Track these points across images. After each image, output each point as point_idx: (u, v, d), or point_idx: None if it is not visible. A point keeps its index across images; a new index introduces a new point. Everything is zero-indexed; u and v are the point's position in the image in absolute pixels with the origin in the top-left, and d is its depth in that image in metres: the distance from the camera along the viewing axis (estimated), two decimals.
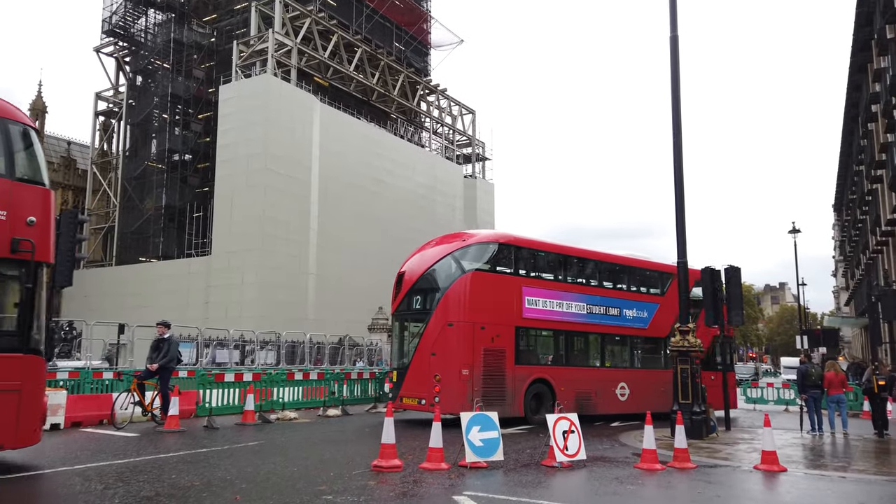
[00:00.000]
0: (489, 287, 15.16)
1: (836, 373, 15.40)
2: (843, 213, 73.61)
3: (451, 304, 14.68)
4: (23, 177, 8.23)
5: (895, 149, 33.78)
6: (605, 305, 17.51)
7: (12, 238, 7.79)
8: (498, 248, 15.73)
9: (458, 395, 13.97)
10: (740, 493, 8.10)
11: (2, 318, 8.16)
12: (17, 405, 7.76)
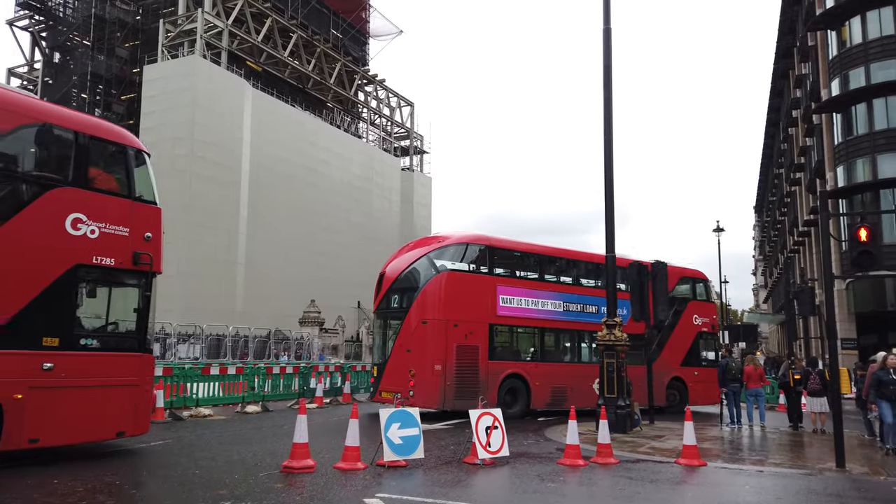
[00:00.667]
0: (463, 286, 15.78)
1: (754, 367, 15.77)
2: (764, 215, 77.01)
3: (426, 302, 15.36)
4: (140, 196, 9.32)
5: (813, 153, 35.31)
6: (582, 303, 17.76)
7: (134, 252, 8.97)
8: (472, 249, 16.34)
9: (431, 390, 14.68)
10: (661, 489, 7.99)
11: (124, 321, 9.22)
12: (135, 398, 9.03)
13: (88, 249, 8.52)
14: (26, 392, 7.78)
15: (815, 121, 33.69)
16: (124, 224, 8.92)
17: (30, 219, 8.07)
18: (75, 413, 8.10)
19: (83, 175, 8.71)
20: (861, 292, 28.71)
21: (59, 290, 8.23)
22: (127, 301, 9.18)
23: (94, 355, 8.62)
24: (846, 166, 29.34)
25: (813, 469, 9.53)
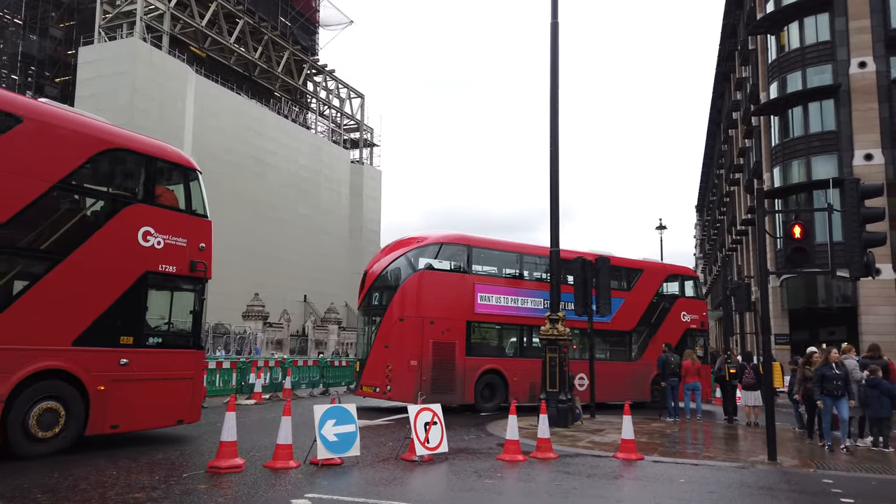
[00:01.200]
0: (440, 284, 16.36)
1: (692, 361, 16.08)
2: (705, 214, 79.27)
3: (402, 300, 16.00)
4: (195, 210, 10.47)
5: (751, 154, 36.38)
6: (564, 300, 17.91)
7: (191, 260, 10.13)
8: (450, 248, 16.96)
9: (407, 385, 15.27)
10: (597, 484, 7.95)
11: (182, 322, 10.31)
12: (192, 389, 10.20)
13: (155, 258, 9.70)
14: (108, 384, 8.93)
15: (754, 123, 34.71)
16: (183, 236, 10.11)
17: (111, 231, 9.27)
18: (146, 403, 9.15)
19: (151, 193, 9.96)
20: (794, 289, 29.76)
21: (134, 294, 9.43)
22: (184, 303, 10.34)
23: (159, 352, 9.79)
24: (782, 167, 30.33)
25: (746, 462, 9.69)
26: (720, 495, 7.49)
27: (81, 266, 8.82)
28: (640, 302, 19.74)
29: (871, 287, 26.35)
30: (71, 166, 8.94)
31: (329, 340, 48.68)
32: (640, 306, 19.71)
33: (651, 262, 21.86)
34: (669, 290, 20.69)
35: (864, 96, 27.96)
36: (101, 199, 9.55)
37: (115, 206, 9.45)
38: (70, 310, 8.69)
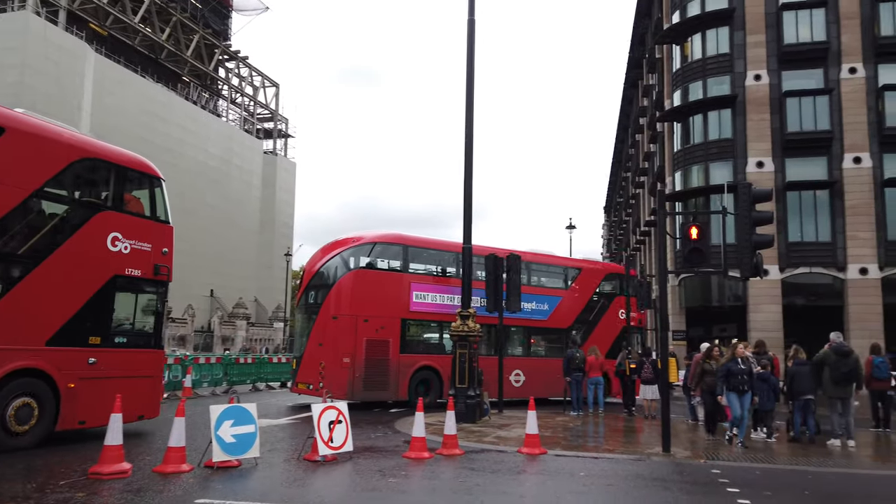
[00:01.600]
0: (374, 283, 16.69)
1: (596, 357, 16.59)
2: (612, 214, 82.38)
3: (336, 299, 16.27)
4: (159, 217, 11.03)
5: (656, 158, 38.05)
6: None
7: (155, 264, 10.69)
8: (385, 248, 17.36)
9: (339, 382, 15.54)
10: (500, 480, 8.00)
11: (145, 323, 10.91)
12: (153, 387, 10.87)
13: (123, 263, 10.22)
14: (77, 382, 9.42)
15: (658, 128, 36.33)
16: (148, 241, 10.65)
17: (83, 237, 9.75)
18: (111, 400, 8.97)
19: (120, 200, 10.52)
20: (691, 288, 31.41)
21: (102, 296, 9.93)
22: (147, 305, 10.95)
23: (124, 351, 10.28)
24: (683, 172, 31.90)
25: (642, 455, 10.05)
26: (617, 488, 7.71)
27: (55, 270, 9.33)
28: (578, 300, 20.28)
29: (760, 287, 28.18)
30: (48, 175, 9.40)
31: (237, 337, 47.10)
32: (578, 305, 20.23)
33: (590, 262, 22.60)
34: (607, 288, 21.32)
35: (758, 107, 29.82)
36: (74, 207, 10.06)
37: (88, 213, 9.96)
38: (44, 311, 9.15)
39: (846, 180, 28.53)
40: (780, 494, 7.38)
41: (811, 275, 28.89)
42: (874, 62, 29.08)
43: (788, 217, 29.14)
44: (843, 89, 29.03)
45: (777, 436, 12.14)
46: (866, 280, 27.86)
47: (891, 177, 28.13)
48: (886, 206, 28.36)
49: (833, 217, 28.83)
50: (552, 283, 20.69)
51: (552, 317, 19.58)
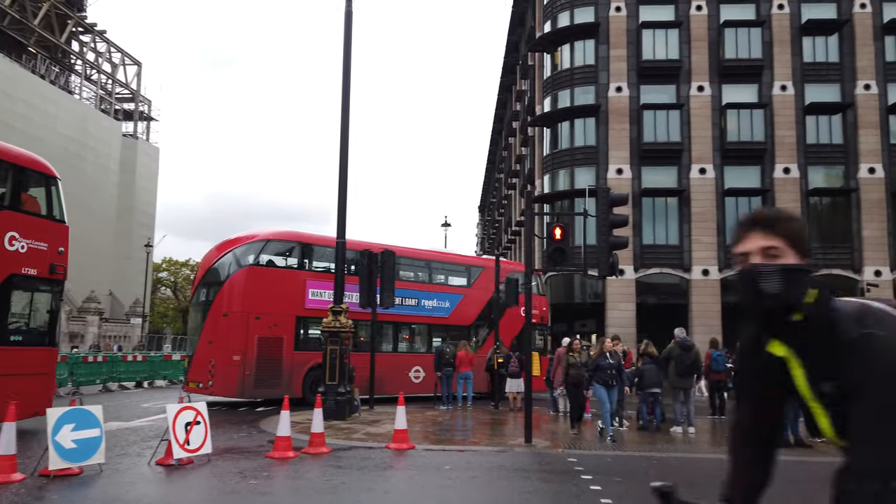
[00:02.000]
0: (267, 280, 16.39)
1: (466, 352, 16.97)
2: (486, 214, 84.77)
3: (226, 296, 16.13)
4: (55, 216, 11.25)
5: (527, 161, 39.57)
6: (401, 297, 17.93)
7: (51, 263, 10.86)
8: (280, 245, 17.22)
9: (229, 380, 15.42)
10: (366, 476, 7.95)
11: (40, 321, 11.09)
12: (46, 383, 11.03)
13: (20, 262, 10.34)
14: None
15: (529, 133, 37.83)
16: (44, 240, 10.78)
17: None
18: (7, 397, 8.82)
19: (17, 199, 10.58)
20: (556, 286, 33.00)
21: None
22: (42, 304, 11.03)
23: (20, 349, 10.43)
24: (551, 175, 33.44)
25: (506, 446, 10.41)
26: (480, 479, 7.92)
27: None
28: (479, 298, 20.46)
29: (616, 285, 30.16)
30: None
31: (87, 333, 43.42)
32: (480, 302, 20.41)
33: (492, 260, 22.81)
34: None
35: (619, 117, 31.88)
36: None
37: None
38: None
39: (692, 189, 31.22)
40: (628, 479, 7.91)
41: (661, 275, 31.35)
42: (719, 82, 32.05)
43: (643, 221, 31.42)
44: (691, 105, 31.73)
45: (628, 425, 13.04)
46: (707, 281, 30.66)
47: (730, 187, 31.15)
48: (726, 214, 31.37)
49: (681, 222, 31.45)
50: (454, 281, 20.98)
51: (454, 314, 19.84)
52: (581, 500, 6.71)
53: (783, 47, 31.82)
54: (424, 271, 20.21)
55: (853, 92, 31.39)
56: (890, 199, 30.71)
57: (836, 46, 32.05)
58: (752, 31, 31.97)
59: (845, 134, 31.45)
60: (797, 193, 30.94)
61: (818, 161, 31.53)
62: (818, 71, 31.96)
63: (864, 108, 31.16)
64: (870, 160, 30.88)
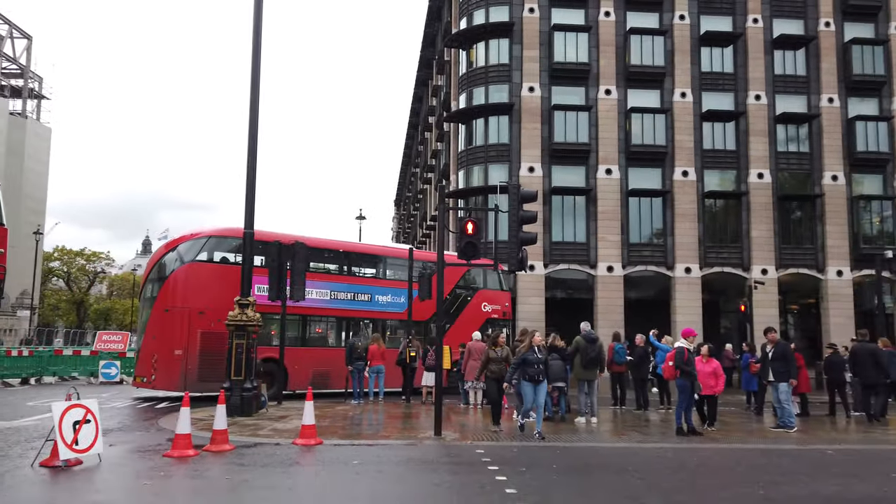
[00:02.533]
0: (212, 276, 16.41)
1: (378, 346, 16.88)
2: (401, 208, 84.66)
3: (168, 292, 16.32)
4: None
5: (442, 156, 39.80)
6: (354, 292, 18.91)
7: None
8: (225, 240, 17.11)
9: (171, 374, 15.60)
10: (271, 474, 7.75)
11: None
12: None
13: None
14: None
15: (445, 128, 38.04)
16: None
17: None
18: None
19: None
20: None
21: None
22: None
23: None
24: (466, 171, 33.80)
25: (415, 439, 10.43)
26: (388, 473, 7.90)
27: None
28: None
29: (527, 280, 30.91)
30: None
31: None
32: None
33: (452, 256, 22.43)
34: (470, 281, 21.53)
35: (531, 117, 32.62)
36: None
37: None
38: None
39: (599, 188, 32.42)
40: (533, 469, 8.12)
41: (569, 271, 32.39)
42: (625, 86, 33.41)
43: (553, 218, 32.34)
44: (599, 108, 32.91)
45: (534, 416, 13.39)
46: (612, 276, 31.96)
47: (634, 188, 32.58)
48: (629, 213, 32.81)
49: (588, 220, 32.60)
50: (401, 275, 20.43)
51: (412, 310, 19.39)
52: (486, 490, 6.82)
53: (684, 56, 33.57)
54: (374, 266, 20.28)
55: (745, 101, 33.56)
56: (776, 203, 33.11)
57: (731, 58, 34.15)
58: (656, 38, 33.51)
59: (738, 140, 33.59)
60: (694, 195, 32.78)
61: (713, 165, 33.51)
62: (715, 80, 33.94)
63: (755, 116, 33.39)
64: (759, 166, 33.14)
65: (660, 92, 33.62)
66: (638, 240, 32.76)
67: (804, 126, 33.94)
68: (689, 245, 32.31)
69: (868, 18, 34.65)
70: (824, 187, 33.15)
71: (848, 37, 34.23)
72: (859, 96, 34.11)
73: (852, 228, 33.19)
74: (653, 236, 33.08)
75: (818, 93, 33.86)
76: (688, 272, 32.19)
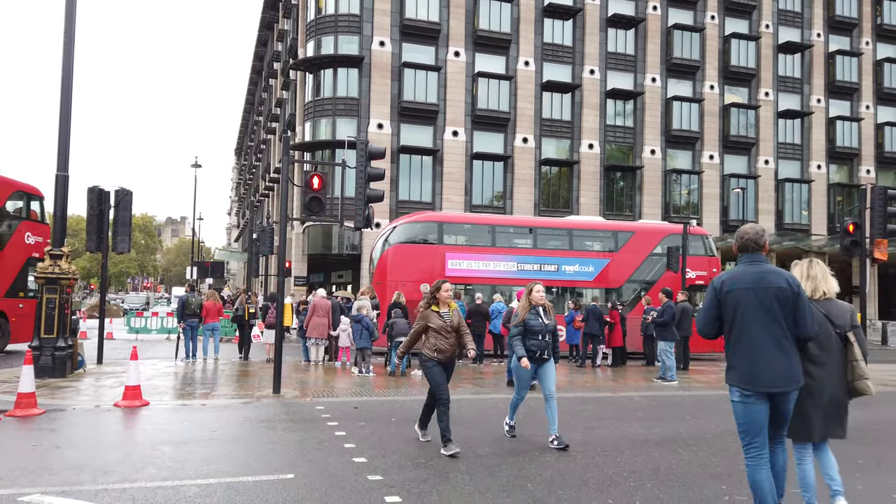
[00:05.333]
0: (411, 255, 18.95)
1: (214, 302, 16.09)
2: (242, 158, 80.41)
3: (379, 269, 19.30)
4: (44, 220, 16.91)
5: (288, 106, 38.17)
6: (539, 263, 19.87)
7: None
8: (421, 226, 19.83)
9: None
10: (88, 439, 7.18)
11: None
12: None
13: None
14: None
15: (291, 76, 36.41)
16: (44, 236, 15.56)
17: None
18: None
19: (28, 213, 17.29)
20: (314, 236, 32.76)
21: None
22: None
23: None
24: (313, 123, 32.76)
25: (252, 397, 10.16)
26: (222, 432, 7.62)
27: None
28: (628, 261, 20.63)
29: (373, 237, 30.91)
30: None
31: None
32: (629, 265, 20.64)
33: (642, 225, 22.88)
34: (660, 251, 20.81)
35: (381, 72, 32.20)
36: None
37: None
38: None
39: (445, 150, 33.01)
40: (372, 423, 8.26)
41: None
42: (473, 50, 34.01)
43: (400, 177, 32.49)
44: (448, 69, 33.27)
45: (377, 371, 13.62)
46: None
47: (478, 151, 33.56)
48: (473, 176, 33.82)
49: (434, 180, 33.15)
50: (596, 245, 20.95)
51: (599, 277, 20.29)
52: (325, 446, 6.83)
53: (528, 25, 34.78)
54: (564, 239, 20.75)
55: (581, 75, 35.65)
56: (603, 173, 35.82)
57: (571, 32, 35.96)
58: (504, 5, 34.36)
59: (573, 112, 35.71)
60: (532, 162, 34.51)
61: (551, 134, 35.42)
62: (555, 52, 35.62)
63: (589, 90, 35.64)
64: (589, 137, 35.56)
65: (505, 59, 34.64)
66: (480, 202, 33.95)
67: (630, 102, 36.83)
68: (526, 208, 34.09)
69: (689, 6, 38.06)
70: (644, 160, 36.39)
71: (671, 22, 37.40)
72: (677, 78, 37.61)
73: (665, 199, 36.89)
74: (494, 199, 34.46)
75: (644, 72, 36.81)
76: None
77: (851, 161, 40.57)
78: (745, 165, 38.66)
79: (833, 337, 4.36)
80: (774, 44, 39.10)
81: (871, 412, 10.23)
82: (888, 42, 41.78)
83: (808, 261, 4.65)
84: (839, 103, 40.51)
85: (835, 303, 4.51)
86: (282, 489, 5.20)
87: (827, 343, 4.33)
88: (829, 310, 4.43)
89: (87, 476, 5.49)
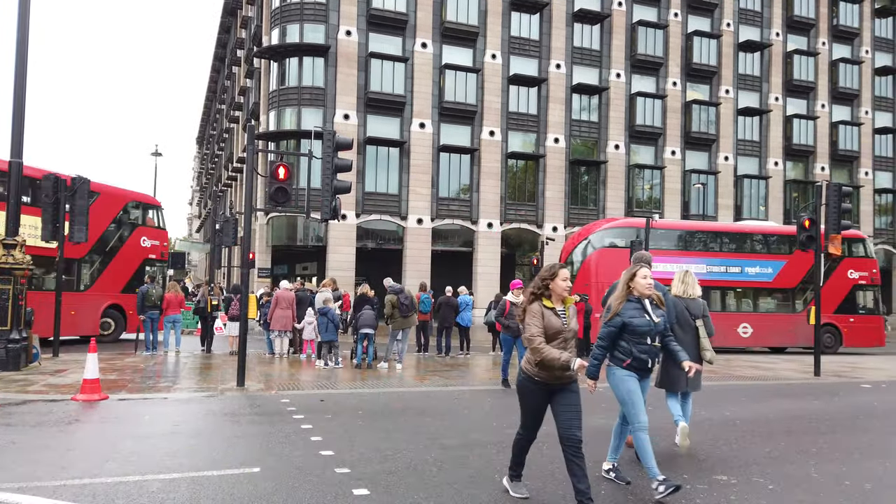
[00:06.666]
0: (613, 258, 19.59)
1: (175, 294, 15.78)
2: (204, 147, 78.84)
3: (583, 271, 20.50)
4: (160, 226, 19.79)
5: (252, 94, 37.53)
6: (725, 265, 21.16)
7: None
8: (620, 231, 21.22)
9: None
10: (45, 433, 6.98)
11: None
12: None
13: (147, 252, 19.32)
14: None
15: (255, 64, 35.79)
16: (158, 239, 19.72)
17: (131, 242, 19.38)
18: None
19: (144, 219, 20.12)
20: (278, 227, 32.37)
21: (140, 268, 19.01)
22: None
23: None
24: (278, 112, 32.26)
25: (216, 391, 10.00)
26: (185, 426, 7.49)
27: None
28: (802, 263, 20.67)
29: (339, 229, 30.72)
30: None
31: None
32: (803, 266, 20.91)
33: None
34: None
35: (348, 62, 31.88)
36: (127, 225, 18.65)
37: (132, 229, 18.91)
38: None
39: (412, 142, 32.90)
40: (339, 416, 8.21)
41: (381, 221, 32.75)
42: (440, 42, 33.91)
43: (367, 168, 32.28)
44: (415, 60, 33.11)
45: (343, 363, 13.54)
46: (421, 229, 32.91)
47: (445, 143, 33.53)
48: (440, 168, 33.80)
49: (401, 172, 33.03)
50: (774, 249, 22.04)
51: (777, 278, 21.48)
52: (291, 439, 6.77)
53: (496, 18, 34.81)
54: (744, 244, 22.13)
55: (547, 69, 35.86)
56: (568, 167, 36.17)
57: (538, 25, 36.11)
58: None
59: (539, 106, 35.91)
60: (499, 155, 34.63)
61: (517, 127, 35.58)
62: (522, 45, 35.75)
63: (555, 84, 35.88)
64: (555, 131, 35.84)
65: (472, 51, 34.63)
66: (447, 194, 33.96)
67: (595, 97, 37.21)
68: (492, 201, 34.22)
69: (653, 3, 38.57)
70: (608, 155, 36.85)
71: (636, 18, 37.86)
72: (641, 74, 38.11)
73: (628, 193, 37.44)
74: (460, 192, 34.50)
75: (608, 67, 37.21)
76: (490, 227, 34.18)
77: (807, 158, 41.75)
78: (705, 161, 39.46)
79: (691, 323, 6.50)
80: (735, 42, 39.92)
81: (826, 402, 10.59)
82: (843, 42, 43.05)
83: (685, 272, 6.75)
84: (796, 102, 41.62)
85: (696, 301, 6.62)
86: (247, 483, 5.14)
87: (687, 326, 6.47)
88: (688, 305, 6.55)
89: (44, 472, 5.34)
